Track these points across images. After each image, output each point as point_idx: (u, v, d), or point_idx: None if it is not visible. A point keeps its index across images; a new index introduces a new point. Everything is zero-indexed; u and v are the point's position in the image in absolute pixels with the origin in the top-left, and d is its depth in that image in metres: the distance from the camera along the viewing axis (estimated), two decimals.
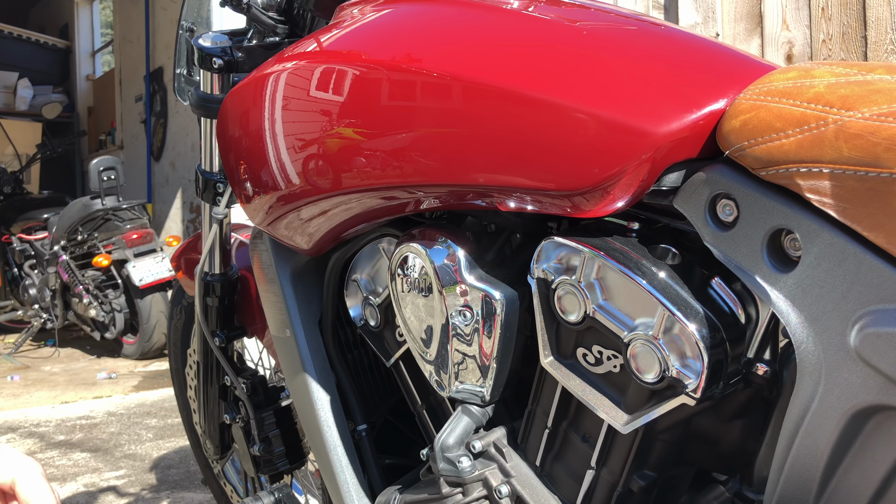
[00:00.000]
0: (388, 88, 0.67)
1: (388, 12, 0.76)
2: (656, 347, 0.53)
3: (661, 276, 0.55)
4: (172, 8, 5.65)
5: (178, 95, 1.27)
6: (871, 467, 0.45)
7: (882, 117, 0.42)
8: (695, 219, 0.53)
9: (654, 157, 0.52)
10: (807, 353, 0.47)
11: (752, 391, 0.57)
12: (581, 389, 0.61)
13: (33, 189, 6.55)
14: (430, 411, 0.85)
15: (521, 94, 0.57)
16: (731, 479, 0.61)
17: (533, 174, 0.57)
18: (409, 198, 0.69)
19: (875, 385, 0.43)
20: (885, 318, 0.43)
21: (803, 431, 0.47)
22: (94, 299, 4.18)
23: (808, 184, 0.45)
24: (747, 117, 0.49)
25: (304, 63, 0.77)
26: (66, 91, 8.27)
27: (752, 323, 0.55)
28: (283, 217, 0.83)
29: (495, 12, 0.67)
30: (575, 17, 0.64)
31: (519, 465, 0.70)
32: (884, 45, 1.60)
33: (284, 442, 1.21)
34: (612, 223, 0.63)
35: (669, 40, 0.61)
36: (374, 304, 0.83)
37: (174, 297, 1.58)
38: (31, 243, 4.86)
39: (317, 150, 0.73)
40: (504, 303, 0.67)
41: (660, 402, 0.55)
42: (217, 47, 1.02)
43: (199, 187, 1.13)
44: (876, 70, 0.47)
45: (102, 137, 7.59)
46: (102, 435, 2.76)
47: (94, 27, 8.35)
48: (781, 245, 0.49)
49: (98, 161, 4.27)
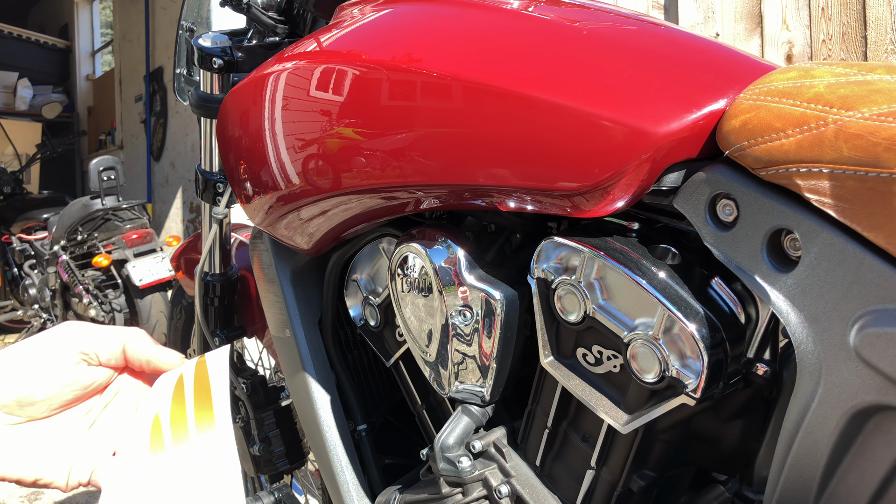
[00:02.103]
0: (388, 88, 0.67)
1: (388, 12, 0.76)
2: (656, 347, 0.53)
3: (661, 276, 0.55)
4: (172, 8, 5.65)
5: (178, 95, 1.27)
6: (871, 467, 0.45)
7: (882, 117, 0.42)
8: (695, 219, 0.53)
9: (654, 157, 0.52)
10: (807, 353, 0.47)
11: (752, 391, 0.57)
12: (581, 389, 0.61)
13: (33, 189, 6.55)
14: (430, 411, 0.85)
15: (520, 94, 0.57)
16: (731, 479, 0.61)
17: (533, 174, 0.57)
18: (409, 198, 0.69)
19: (875, 385, 0.43)
20: (885, 318, 0.43)
21: (803, 431, 0.47)
22: (93, 299, 4.18)
23: (807, 184, 0.45)
24: (747, 117, 0.49)
25: (303, 63, 0.77)
26: (66, 91, 8.28)
27: (752, 323, 0.55)
28: (283, 217, 0.83)
29: (495, 12, 0.67)
30: (575, 16, 0.64)
31: (519, 465, 0.70)
32: (884, 45, 1.60)
33: (284, 442, 1.21)
34: (612, 223, 0.63)
35: (669, 40, 0.61)
36: (373, 304, 0.83)
37: (174, 297, 1.58)
38: (30, 243, 4.86)
39: (317, 150, 0.73)
40: (504, 303, 0.67)
41: (660, 402, 0.55)
42: (217, 47, 1.02)
43: (199, 187, 1.13)
44: (876, 70, 0.47)
45: (102, 137, 7.60)
46: None
47: (93, 27, 8.36)
48: (781, 245, 0.49)
49: (98, 161, 4.27)
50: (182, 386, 0.51)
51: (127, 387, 0.54)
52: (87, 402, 0.52)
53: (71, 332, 0.50)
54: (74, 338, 0.50)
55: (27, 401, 0.48)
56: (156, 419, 0.49)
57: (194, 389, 0.50)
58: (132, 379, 0.54)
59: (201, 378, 0.51)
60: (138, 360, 0.52)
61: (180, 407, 0.49)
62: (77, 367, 0.50)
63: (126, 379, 0.54)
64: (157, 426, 0.49)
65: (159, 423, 0.49)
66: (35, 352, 0.49)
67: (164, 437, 0.48)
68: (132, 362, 0.52)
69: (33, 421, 0.50)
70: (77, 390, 0.50)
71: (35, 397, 0.48)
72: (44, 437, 0.50)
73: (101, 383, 0.52)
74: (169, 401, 0.50)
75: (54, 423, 0.51)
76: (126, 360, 0.52)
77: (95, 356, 0.50)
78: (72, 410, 0.52)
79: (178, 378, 0.51)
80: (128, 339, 0.51)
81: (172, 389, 0.51)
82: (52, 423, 0.51)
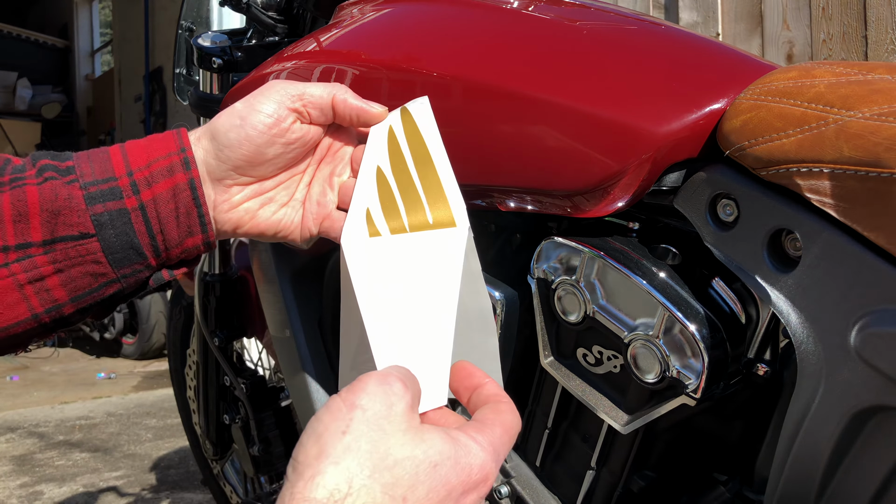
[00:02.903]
0: (387, 88, 0.67)
1: (387, 12, 0.76)
2: (656, 347, 0.53)
3: (661, 276, 0.55)
4: (172, 7, 5.64)
5: (177, 95, 1.27)
6: (871, 468, 0.45)
7: (882, 117, 0.42)
8: (695, 219, 0.53)
9: (655, 157, 0.52)
10: (807, 353, 0.47)
11: (753, 391, 0.57)
12: (581, 390, 0.61)
13: None
14: None
15: (521, 94, 0.57)
16: (732, 480, 0.61)
17: (533, 174, 0.57)
18: None
19: (875, 385, 0.43)
20: (885, 318, 0.43)
21: (804, 432, 0.47)
22: None
23: (808, 184, 0.45)
24: (748, 117, 0.48)
25: (303, 63, 0.77)
26: (66, 91, 8.28)
27: (753, 323, 0.55)
28: None
29: (495, 12, 0.67)
30: (575, 16, 0.64)
31: (519, 465, 0.69)
32: (884, 44, 1.60)
33: (284, 442, 1.21)
34: (612, 223, 0.63)
35: (670, 40, 0.60)
36: None
37: (174, 297, 1.58)
38: None
39: None
40: (504, 303, 0.67)
41: (660, 402, 0.55)
42: (216, 47, 1.02)
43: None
44: (876, 70, 0.46)
45: (102, 137, 7.59)
46: (102, 435, 2.76)
47: (93, 27, 8.36)
48: (782, 245, 0.49)
49: None
50: (395, 139, 0.52)
51: (337, 142, 0.55)
52: (304, 161, 0.54)
53: (281, 91, 0.51)
54: (286, 96, 0.51)
55: (258, 160, 0.51)
56: (379, 171, 0.51)
57: (408, 142, 0.52)
58: (341, 135, 0.55)
59: (411, 129, 0.52)
60: (347, 114, 0.52)
61: (400, 161, 0.51)
62: (295, 126, 0.51)
63: (335, 134, 0.55)
64: (381, 178, 0.51)
65: (384, 176, 0.51)
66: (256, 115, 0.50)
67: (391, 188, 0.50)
68: (341, 116, 0.53)
69: (264, 180, 0.53)
70: (297, 148, 0.52)
71: (264, 157, 0.51)
72: (275, 194, 0.54)
73: (316, 140, 0.53)
74: (387, 154, 0.51)
75: (281, 181, 0.54)
76: (335, 115, 0.53)
77: (307, 113, 0.52)
78: (293, 169, 0.54)
79: (388, 131, 0.53)
80: (335, 93, 0.52)
81: (387, 143, 0.52)
82: (279, 181, 0.54)
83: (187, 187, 0.49)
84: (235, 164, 0.50)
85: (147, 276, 0.51)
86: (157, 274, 0.51)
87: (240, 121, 0.50)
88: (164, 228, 0.49)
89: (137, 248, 0.48)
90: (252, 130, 0.50)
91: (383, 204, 0.49)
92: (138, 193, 0.48)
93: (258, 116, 0.50)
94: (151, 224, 0.49)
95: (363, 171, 0.51)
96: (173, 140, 0.50)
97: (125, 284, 0.50)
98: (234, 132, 0.50)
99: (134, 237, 0.48)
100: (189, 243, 0.50)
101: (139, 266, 0.49)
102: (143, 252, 0.49)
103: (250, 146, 0.50)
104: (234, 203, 0.52)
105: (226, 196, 0.52)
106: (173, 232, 0.49)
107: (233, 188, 0.52)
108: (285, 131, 0.51)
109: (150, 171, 0.49)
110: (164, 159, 0.49)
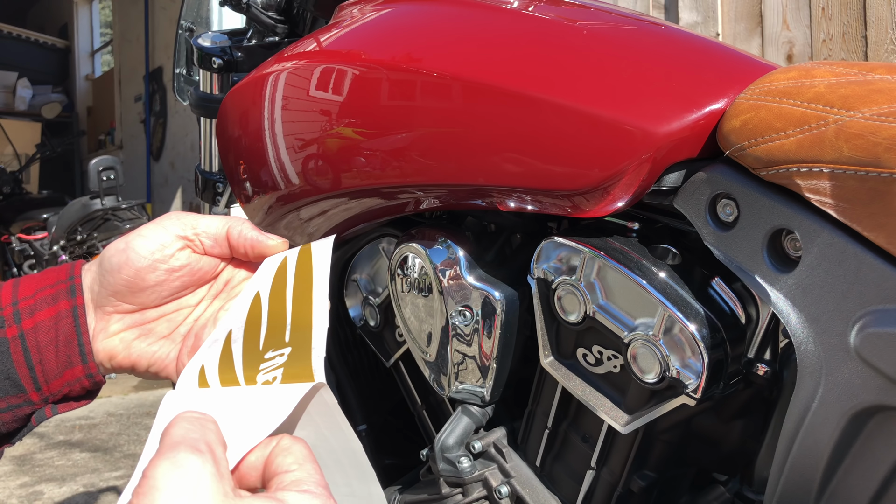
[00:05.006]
0: (387, 88, 0.67)
1: (387, 12, 0.76)
2: (656, 348, 0.53)
3: (661, 276, 0.55)
4: (172, 8, 5.65)
5: (177, 95, 1.27)
6: (871, 468, 0.45)
7: (882, 117, 0.42)
8: (695, 219, 0.53)
9: (655, 156, 0.52)
10: (807, 353, 0.47)
11: (753, 391, 0.57)
12: (581, 390, 0.61)
13: (32, 189, 6.55)
14: (430, 411, 0.85)
15: (521, 94, 0.57)
16: (732, 480, 0.61)
17: (533, 174, 0.57)
18: (409, 198, 0.69)
19: (875, 385, 0.43)
20: (885, 318, 0.43)
21: (804, 432, 0.47)
22: None
23: (808, 184, 0.45)
24: (747, 117, 0.48)
25: (303, 63, 0.77)
26: (66, 91, 8.27)
27: (753, 323, 0.55)
28: (282, 217, 0.83)
29: (495, 12, 0.67)
30: (575, 16, 0.64)
31: (519, 465, 0.69)
32: (884, 44, 1.60)
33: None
34: (612, 223, 0.63)
35: (670, 40, 0.60)
36: (373, 304, 0.83)
37: None
38: (30, 243, 4.86)
39: (316, 150, 0.73)
40: (504, 303, 0.67)
41: (660, 402, 0.55)
42: (216, 47, 1.02)
43: (199, 187, 1.12)
44: (876, 70, 0.46)
45: (102, 137, 7.59)
46: (102, 435, 2.76)
47: (93, 27, 8.35)
48: (782, 245, 0.49)
49: (97, 161, 4.27)
50: (284, 270, 0.50)
51: (236, 277, 0.53)
52: (197, 291, 0.52)
53: (173, 220, 0.50)
54: (177, 224, 0.50)
55: (137, 286, 0.49)
56: (256, 297, 0.49)
57: (295, 276, 0.50)
58: (241, 270, 0.54)
59: (304, 265, 0.50)
60: (242, 246, 0.51)
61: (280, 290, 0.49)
62: (182, 253, 0.50)
63: (234, 270, 0.53)
64: (256, 303, 0.49)
65: (259, 302, 0.49)
66: (140, 240, 0.49)
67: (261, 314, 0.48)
68: (236, 248, 0.51)
69: (146, 309, 0.50)
70: (184, 276, 0.50)
71: (145, 283, 0.49)
72: (156, 325, 0.51)
73: (207, 272, 0.52)
74: (271, 281, 0.50)
75: (165, 312, 0.51)
76: (230, 247, 0.51)
77: (199, 243, 0.50)
78: (182, 300, 0.52)
79: (281, 261, 0.51)
80: (231, 225, 0.51)
81: (275, 272, 0.50)
82: (164, 312, 0.51)
83: (69, 315, 0.47)
84: (115, 289, 0.48)
85: (28, 413, 0.48)
86: (40, 411, 0.48)
87: (124, 244, 0.49)
88: (42, 358, 0.47)
89: (15, 379, 0.46)
90: (133, 254, 0.48)
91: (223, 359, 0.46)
92: (20, 322, 0.47)
93: (141, 241, 0.49)
94: (31, 353, 0.46)
95: (241, 295, 0.50)
96: (66, 269, 0.49)
97: (0, 421, 0.47)
98: (117, 256, 0.48)
99: (11, 367, 0.46)
100: (69, 375, 0.48)
101: (16, 400, 0.47)
102: (20, 384, 0.46)
103: (129, 270, 0.48)
104: (110, 332, 0.49)
105: (104, 324, 0.49)
106: (52, 362, 0.47)
107: (113, 315, 0.49)
108: (168, 257, 0.49)
109: (34, 299, 0.47)
110: (50, 288, 0.48)
